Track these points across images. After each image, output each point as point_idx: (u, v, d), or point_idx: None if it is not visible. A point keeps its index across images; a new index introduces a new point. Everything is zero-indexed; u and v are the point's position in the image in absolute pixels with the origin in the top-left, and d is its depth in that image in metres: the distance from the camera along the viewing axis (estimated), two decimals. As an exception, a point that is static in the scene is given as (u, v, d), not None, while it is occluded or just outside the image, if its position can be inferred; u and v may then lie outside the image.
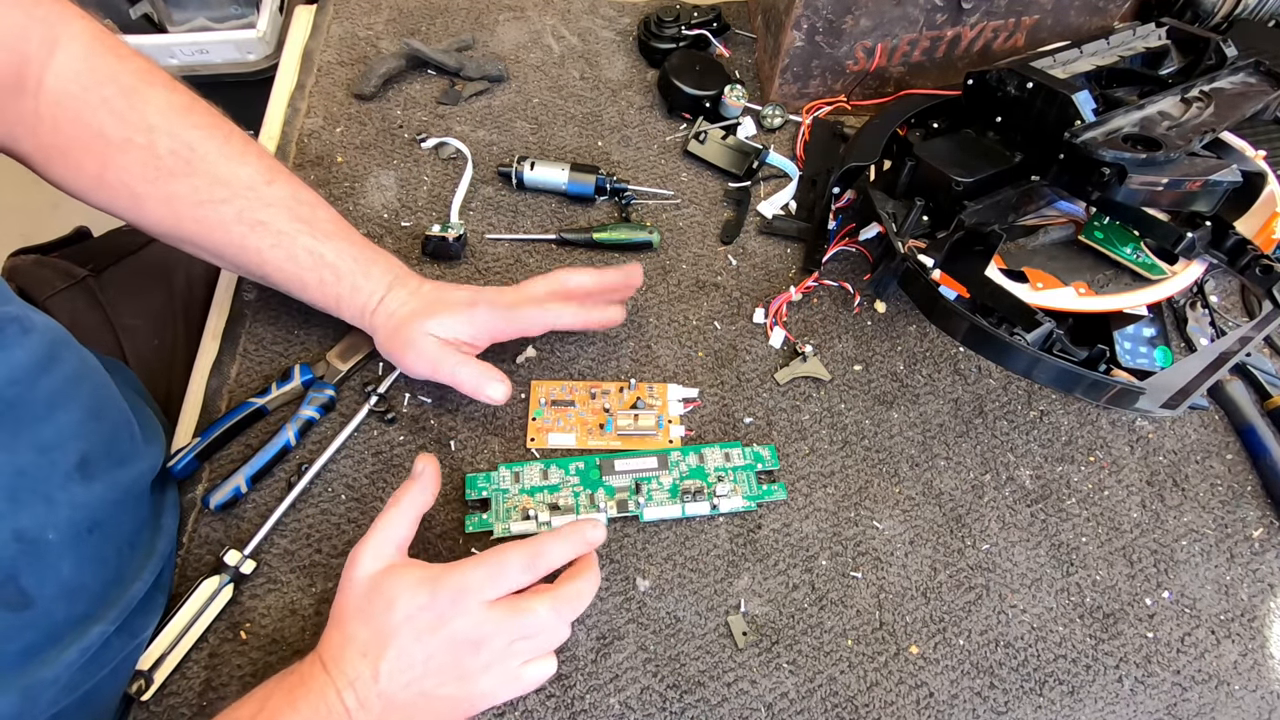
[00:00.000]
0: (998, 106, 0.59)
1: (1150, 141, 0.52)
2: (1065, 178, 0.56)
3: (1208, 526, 0.55)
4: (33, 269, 0.63)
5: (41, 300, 0.60)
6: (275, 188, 0.51)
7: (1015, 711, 0.48)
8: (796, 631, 0.50)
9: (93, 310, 0.62)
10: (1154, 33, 0.65)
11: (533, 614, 0.43)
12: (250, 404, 0.53)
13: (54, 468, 0.40)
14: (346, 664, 0.41)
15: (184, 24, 1.18)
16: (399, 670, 0.41)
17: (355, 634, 0.42)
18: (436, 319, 0.51)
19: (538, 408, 0.56)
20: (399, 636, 0.41)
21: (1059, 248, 0.62)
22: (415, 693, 0.41)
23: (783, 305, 0.61)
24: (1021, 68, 0.56)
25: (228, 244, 0.50)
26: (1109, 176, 0.52)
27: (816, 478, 0.55)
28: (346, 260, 0.52)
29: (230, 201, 0.49)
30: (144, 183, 0.48)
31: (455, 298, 0.53)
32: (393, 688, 0.41)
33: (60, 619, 0.40)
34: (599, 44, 0.75)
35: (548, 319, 0.53)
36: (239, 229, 0.50)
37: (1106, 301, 0.57)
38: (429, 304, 0.52)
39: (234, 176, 0.50)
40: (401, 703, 0.41)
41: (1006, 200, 0.57)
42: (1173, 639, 0.51)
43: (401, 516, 0.45)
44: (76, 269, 0.63)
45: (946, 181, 0.56)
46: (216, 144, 0.50)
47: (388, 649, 0.41)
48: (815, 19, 0.63)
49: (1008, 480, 0.56)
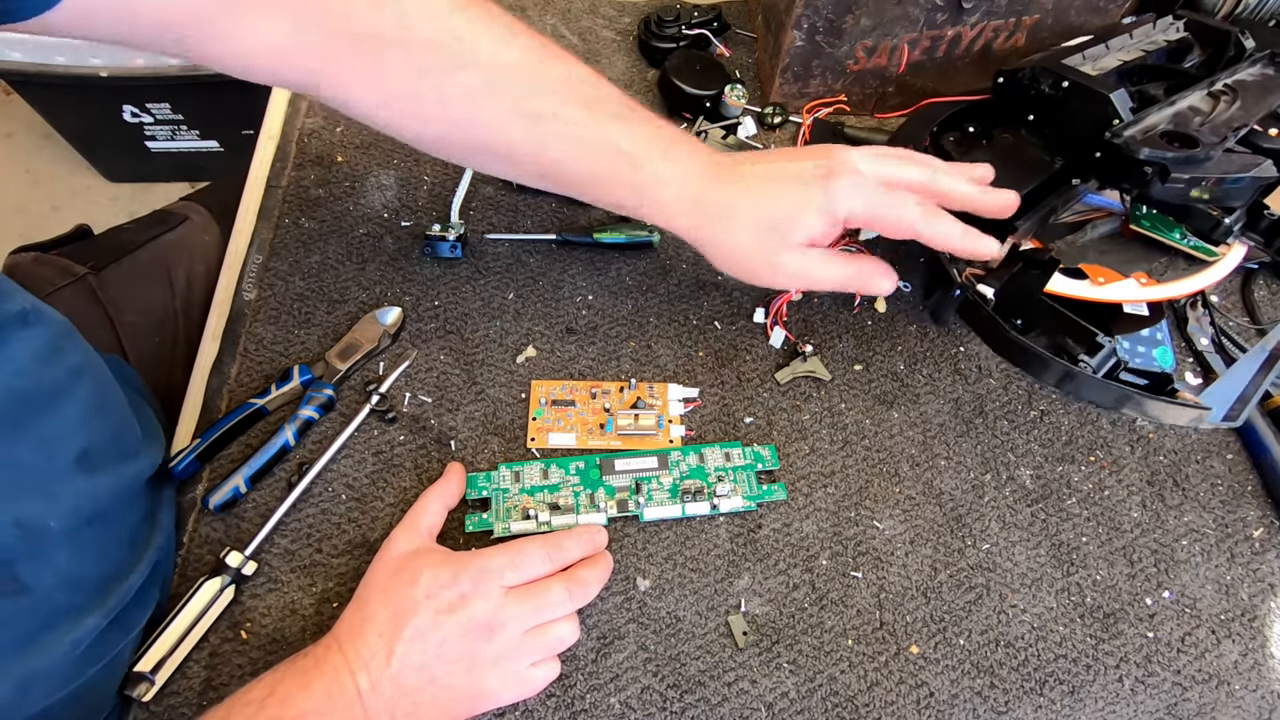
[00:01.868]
0: (1030, 105, 0.58)
1: (1187, 138, 0.52)
2: (1104, 177, 0.56)
3: (1208, 526, 0.55)
4: (33, 266, 0.63)
5: (41, 298, 0.60)
6: (550, 66, 0.45)
7: (1015, 711, 0.48)
8: (797, 631, 0.50)
9: (93, 307, 0.61)
10: (1172, 25, 0.64)
11: (547, 591, 0.44)
12: (250, 404, 0.53)
13: (55, 460, 0.40)
14: (363, 644, 0.41)
15: (184, 24, 1.18)
16: (413, 651, 0.41)
17: (375, 613, 0.42)
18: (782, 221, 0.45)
19: (538, 407, 0.56)
20: (418, 615, 0.41)
21: (1107, 240, 0.62)
22: (425, 679, 0.41)
23: (783, 305, 0.61)
24: (1056, 66, 0.56)
25: (510, 144, 0.46)
26: (1150, 175, 0.51)
27: (817, 477, 0.55)
28: (642, 145, 0.45)
29: (504, 93, 0.44)
30: (405, 80, 0.44)
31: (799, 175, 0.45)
32: (404, 671, 0.41)
33: (56, 608, 0.40)
34: (599, 44, 0.75)
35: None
36: (518, 125, 0.45)
37: (1172, 289, 0.57)
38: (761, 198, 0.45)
39: (507, 62, 0.44)
40: (410, 688, 0.41)
41: (1050, 207, 0.57)
42: (1173, 639, 0.51)
43: (433, 505, 0.47)
44: (76, 266, 0.63)
45: None
46: (478, 25, 0.44)
47: (405, 627, 0.41)
48: (815, 18, 0.63)
49: (1008, 480, 0.56)
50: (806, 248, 0.46)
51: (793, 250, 0.46)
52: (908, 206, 0.45)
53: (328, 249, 0.61)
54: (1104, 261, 0.59)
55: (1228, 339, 0.62)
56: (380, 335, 0.57)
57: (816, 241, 0.46)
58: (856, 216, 0.45)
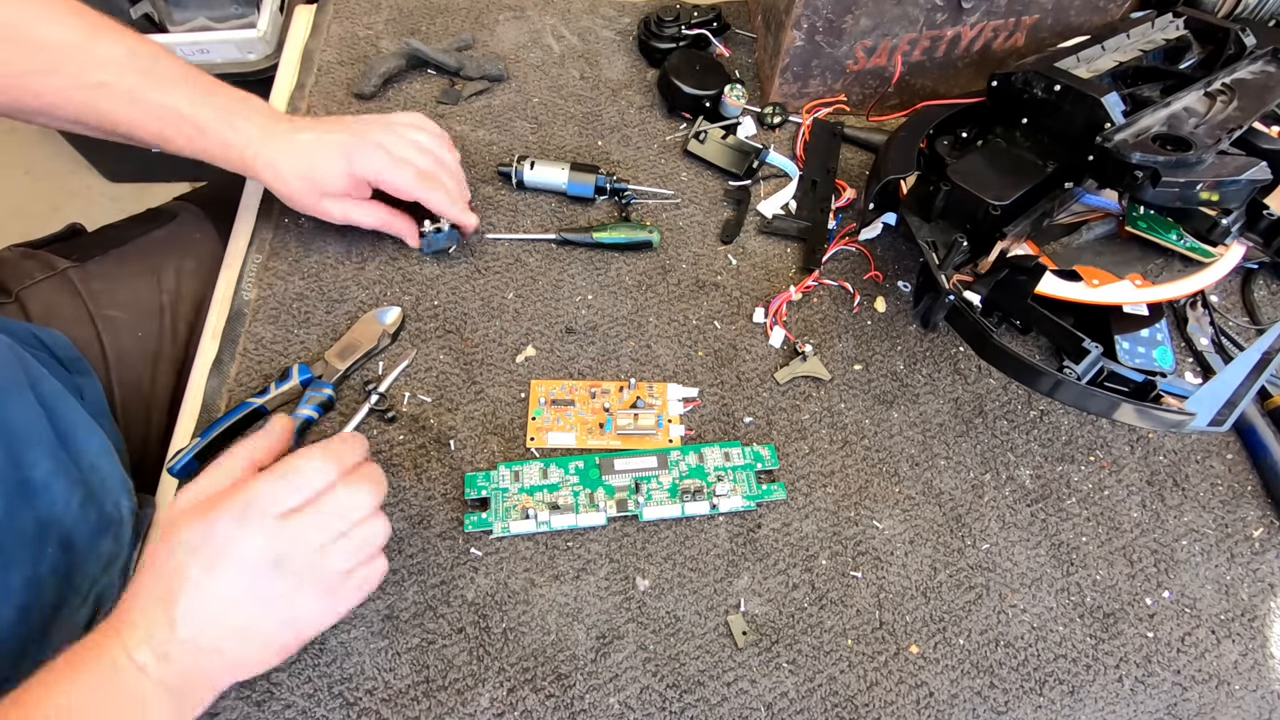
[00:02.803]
0: (1024, 108, 0.58)
1: (1180, 141, 0.52)
2: (1098, 180, 0.55)
3: (1208, 526, 0.55)
4: (17, 261, 0.63)
5: (16, 291, 0.60)
6: (103, 44, 0.50)
7: (1015, 711, 0.48)
8: (796, 631, 0.50)
9: (72, 300, 0.61)
10: (1172, 24, 0.64)
11: (333, 499, 0.41)
12: (249, 404, 0.53)
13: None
14: (138, 616, 0.38)
15: (185, 24, 1.19)
16: (195, 612, 0.38)
17: (145, 584, 0.39)
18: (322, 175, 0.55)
19: (537, 407, 0.56)
20: (187, 576, 0.38)
21: (1104, 242, 0.62)
22: (225, 631, 0.39)
23: (783, 305, 0.61)
24: (1048, 69, 0.56)
25: (80, 114, 0.50)
26: (1141, 179, 0.51)
27: (816, 477, 0.55)
28: (205, 111, 0.52)
29: (59, 69, 0.49)
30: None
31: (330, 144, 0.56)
32: (194, 632, 0.38)
33: None
34: (599, 43, 0.75)
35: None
36: (81, 95, 0.49)
37: (1167, 290, 0.57)
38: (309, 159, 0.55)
39: (55, 40, 0.49)
40: (210, 647, 0.39)
41: (1043, 211, 0.57)
42: (1173, 639, 0.51)
43: (222, 468, 0.43)
44: (59, 260, 0.63)
45: (984, 206, 0.55)
46: (31, 10, 0.49)
47: (179, 593, 0.38)
48: (815, 18, 0.63)
49: (1008, 480, 0.56)
50: (342, 197, 0.57)
51: (331, 198, 0.57)
52: (405, 174, 0.56)
53: (327, 249, 0.61)
54: (1099, 263, 0.59)
55: (1227, 339, 0.62)
56: (380, 335, 0.57)
57: (349, 192, 0.57)
58: (370, 177, 0.56)
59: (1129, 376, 0.51)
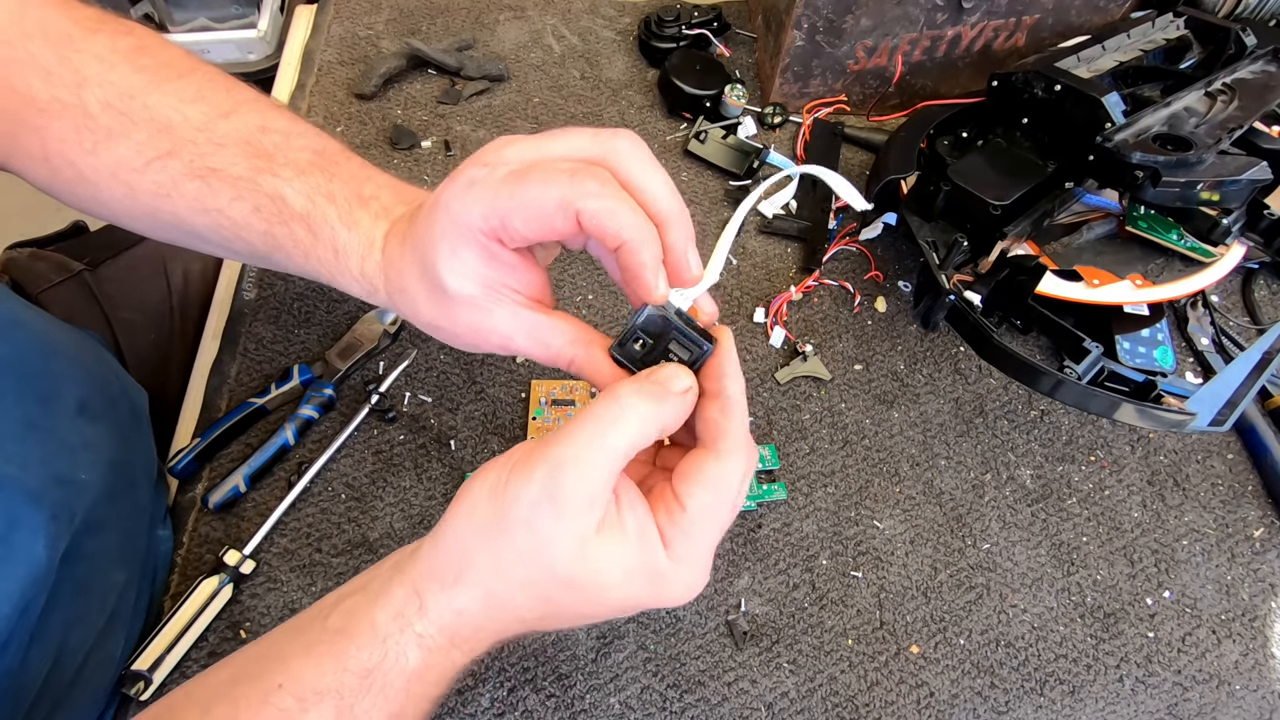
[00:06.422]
0: (1024, 108, 0.58)
1: (1180, 141, 0.52)
2: (1098, 180, 0.56)
3: (1208, 526, 0.55)
4: (29, 262, 0.63)
5: (36, 294, 0.60)
6: (233, 120, 0.38)
7: (1016, 711, 0.48)
8: (797, 631, 0.50)
9: (89, 304, 0.61)
10: (1172, 23, 0.64)
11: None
12: (250, 404, 0.53)
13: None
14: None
15: (185, 24, 1.19)
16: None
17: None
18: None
19: (538, 407, 0.56)
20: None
21: (1104, 242, 0.62)
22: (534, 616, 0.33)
23: (783, 305, 0.61)
24: (1048, 69, 0.56)
25: (192, 215, 0.38)
26: (1142, 179, 0.51)
27: (817, 477, 0.55)
28: (321, 205, 0.38)
29: (177, 153, 0.37)
30: (84, 153, 0.38)
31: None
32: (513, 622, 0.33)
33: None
34: (599, 43, 0.75)
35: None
36: (192, 186, 0.38)
37: (1167, 290, 0.56)
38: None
39: (181, 119, 0.37)
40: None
41: (1043, 211, 0.57)
42: (1173, 639, 0.51)
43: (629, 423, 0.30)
44: (73, 263, 0.63)
45: (984, 206, 0.55)
46: (163, 83, 0.38)
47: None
48: (815, 18, 0.63)
49: (1008, 480, 0.56)
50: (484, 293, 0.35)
51: (466, 304, 0.35)
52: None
53: (328, 248, 0.61)
54: (1100, 263, 0.59)
55: (1228, 339, 0.62)
56: (380, 334, 0.57)
57: (487, 275, 0.35)
58: (491, 225, 0.34)
59: (1129, 376, 0.51)
